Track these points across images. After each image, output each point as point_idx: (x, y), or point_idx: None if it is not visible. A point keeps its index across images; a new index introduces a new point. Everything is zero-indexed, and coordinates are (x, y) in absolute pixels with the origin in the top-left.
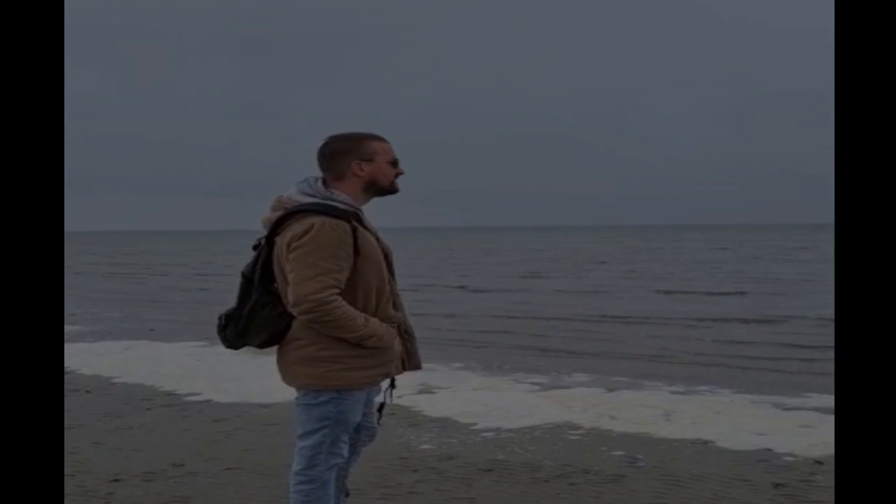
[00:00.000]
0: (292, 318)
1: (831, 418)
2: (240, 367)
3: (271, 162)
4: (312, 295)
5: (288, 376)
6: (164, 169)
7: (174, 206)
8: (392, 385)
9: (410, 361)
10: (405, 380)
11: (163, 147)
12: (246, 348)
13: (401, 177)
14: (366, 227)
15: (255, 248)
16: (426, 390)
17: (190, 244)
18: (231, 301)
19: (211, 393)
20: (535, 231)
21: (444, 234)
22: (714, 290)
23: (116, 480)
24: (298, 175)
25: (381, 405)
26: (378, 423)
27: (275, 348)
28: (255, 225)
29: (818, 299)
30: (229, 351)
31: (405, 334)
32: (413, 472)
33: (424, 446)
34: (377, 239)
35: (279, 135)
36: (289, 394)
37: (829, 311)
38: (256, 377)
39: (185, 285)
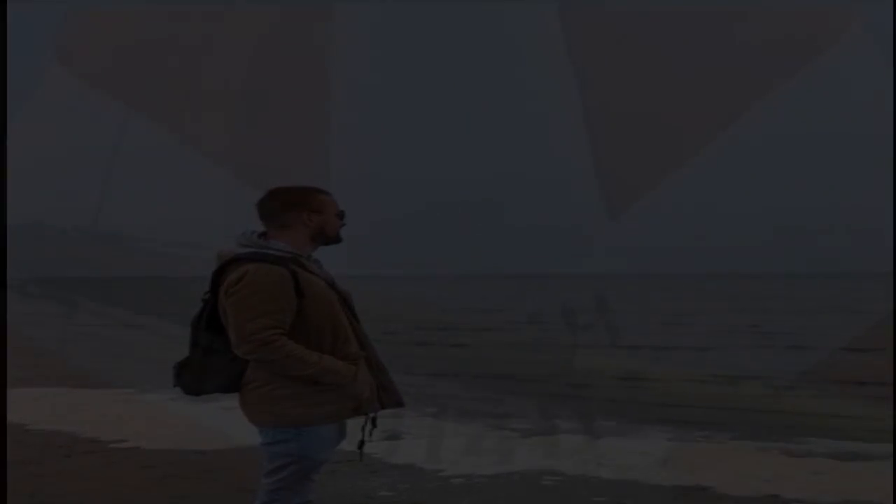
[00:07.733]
0: (247, 362)
1: (843, 465)
2: (173, 415)
3: None
4: (253, 335)
5: (249, 417)
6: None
7: None
8: (373, 424)
9: (388, 396)
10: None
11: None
12: (180, 394)
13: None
14: (311, 272)
15: (203, 300)
16: (391, 436)
17: None
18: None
19: (139, 440)
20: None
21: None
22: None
23: None
24: None
25: (361, 443)
26: (360, 459)
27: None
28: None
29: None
30: (160, 398)
31: (379, 373)
32: None
33: (384, 493)
34: (332, 284)
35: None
36: (231, 441)
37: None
38: (193, 424)
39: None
